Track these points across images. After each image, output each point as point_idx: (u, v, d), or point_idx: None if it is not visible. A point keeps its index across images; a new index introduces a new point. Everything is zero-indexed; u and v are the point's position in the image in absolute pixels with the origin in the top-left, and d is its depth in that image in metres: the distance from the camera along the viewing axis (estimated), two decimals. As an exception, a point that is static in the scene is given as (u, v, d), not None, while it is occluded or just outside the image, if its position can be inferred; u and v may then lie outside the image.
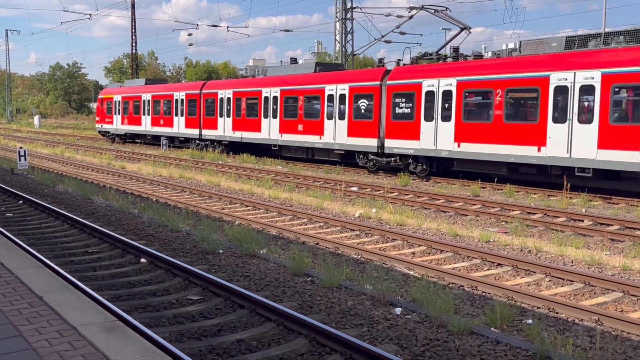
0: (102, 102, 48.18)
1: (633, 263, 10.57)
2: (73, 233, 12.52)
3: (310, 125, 27.37)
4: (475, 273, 10.12)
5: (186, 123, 36.78)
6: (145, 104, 41.11)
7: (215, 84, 36.05)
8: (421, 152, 22.59)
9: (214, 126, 34.13)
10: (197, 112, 35.58)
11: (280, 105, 29.13)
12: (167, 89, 40.44)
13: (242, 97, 32.00)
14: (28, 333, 4.80)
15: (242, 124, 31.95)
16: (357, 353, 6.07)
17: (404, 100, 23.16)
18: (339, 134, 25.92)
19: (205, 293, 8.35)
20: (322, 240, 12.23)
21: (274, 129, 29.49)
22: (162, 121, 39.36)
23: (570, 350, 6.41)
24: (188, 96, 36.59)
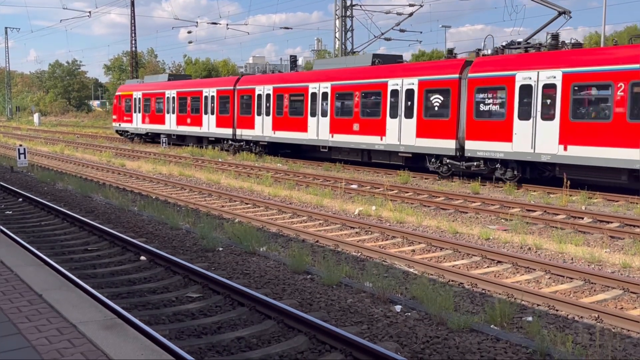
0: (119, 99, 44.97)
1: (633, 260, 10.57)
2: (73, 231, 12.51)
3: (369, 125, 24.38)
4: (475, 270, 10.12)
5: (217, 122, 33.72)
6: (170, 101, 38.08)
7: (253, 79, 32.99)
8: (513, 156, 19.46)
9: (251, 125, 31.19)
10: (230, 110, 32.62)
11: (332, 103, 26.13)
12: (194, 85, 37.51)
13: (284, 93, 28.96)
14: (27, 331, 4.80)
15: (284, 123, 28.99)
16: (357, 350, 6.07)
17: (492, 95, 20.11)
18: (405, 134, 22.82)
19: (205, 291, 8.35)
20: (322, 238, 12.23)
21: (324, 128, 26.55)
22: (189, 120, 36.29)
23: (570, 348, 6.41)
24: (220, 92, 33.61)
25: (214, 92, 34.05)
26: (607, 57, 17.86)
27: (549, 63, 18.84)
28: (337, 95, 26.08)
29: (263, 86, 30.38)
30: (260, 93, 30.39)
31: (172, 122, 37.90)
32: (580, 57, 18.61)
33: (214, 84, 35.25)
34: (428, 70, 23.14)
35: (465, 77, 20.99)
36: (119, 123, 44.94)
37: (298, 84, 28.38)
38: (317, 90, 26.84)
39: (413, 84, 22.61)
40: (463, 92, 20.95)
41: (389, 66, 24.83)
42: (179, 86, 38.13)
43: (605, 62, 17.69)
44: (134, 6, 65.06)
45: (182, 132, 37.21)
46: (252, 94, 31.06)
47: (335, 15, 40.45)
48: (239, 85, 32.24)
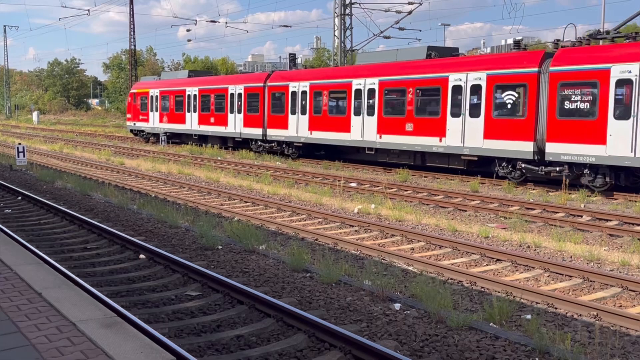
0: (134, 97, 42.21)
1: (632, 258, 10.59)
2: (72, 229, 12.51)
3: (425, 125, 22.07)
4: (474, 268, 10.13)
5: (245, 121, 31.32)
6: (191, 99, 35.66)
7: (286, 74, 30.28)
8: (607, 161, 17.16)
9: (283, 125, 28.77)
10: (260, 108, 30.24)
11: (379, 100, 23.86)
12: (219, 82, 34.89)
13: (322, 90, 26.66)
14: (27, 329, 4.80)
15: (322, 123, 26.67)
16: (356, 349, 6.08)
17: (580, 91, 17.76)
18: (470, 135, 20.53)
19: (205, 289, 8.36)
20: (321, 236, 12.24)
21: (370, 128, 24.28)
22: (212, 119, 33.82)
23: (569, 346, 6.42)
24: (248, 90, 31.16)
25: (241, 89, 31.73)
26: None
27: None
28: (386, 91, 23.78)
29: (298, 82, 27.99)
30: (295, 90, 28.02)
31: (194, 122, 35.62)
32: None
33: (241, 81, 32.78)
34: (498, 63, 20.44)
35: (545, 70, 18.66)
36: (134, 122, 42.33)
37: (339, 79, 26.08)
38: (362, 87, 24.59)
39: (480, 79, 20.32)
40: (543, 88, 18.72)
41: (449, 59, 22.49)
42: (202, 83, 35.69)
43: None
44: (132, 4, 65.01)
45: (205, 132, 34.73)
46: (285, 91, 28.68)
47: (335, 13, 40.42)
48: (270, 82, 29.89)
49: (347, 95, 25.32)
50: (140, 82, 45.36)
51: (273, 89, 29.63)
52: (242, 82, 32.24)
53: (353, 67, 26.99)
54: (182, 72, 41.48)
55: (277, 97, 29.38)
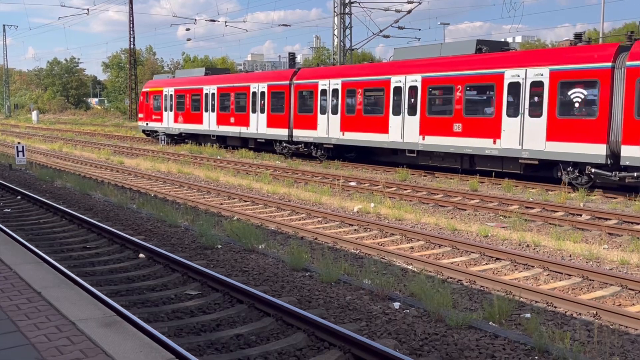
0: (147, 96, 40.41)
1: (631, 257, 10.60)
2: (71, 228, 12.51)
3: (476, 125, 20.35)
4: (473, 267, 10.14)
5: (269, 121, 29.52)
6: (209, 98, 33.92)
7: (314, 72, 28.45)
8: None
9: (312, 125, 26.99)
10: (285, 107, 28.50)
11: (422, 98, 22.11)
12: (240, 80, 33.03)
13: (357, 88, 24.88)
14: (27, 328, 4.80)
15: (356, 123, 24.94)
16: (355, 347, 6.08)
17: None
18: (530, 136, 18.84)
19: (204, 288, 8.36)
20: (321, 235, 12.24)
21: (411, 129, 22.50)
22: (232, 119, 32.10)
23: (568, 344, 6.43)
24: (272, 88, 29.45)
25: (264, 88, 29.90)
26: None
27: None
28: (431, 89, 22.02)
29: (329, 80, 26.19)
30: (325, 88, 26.28)
31: (212, 122, 33.84)
32: None
33: (264, 78, 30.88)
34: (563, 57, 18.52)
35: (621, 66, 16.99)
36: (146, 122, 40.38)
37: (376, 76, 24.28)
38: (403, 84, 22.78)
39: (542, 75, 18.50)
40: (618, 85, 17.03)
41: (504, 54, 20.87)
42: (220, 81, 33.93)
43: None
44: (132, 3, 65.03)
45: (224, 133, 33.01)
46: (314, 89, 26.93)
47: (334, 12, 40.39)
48: (297, 80, 28.12)
49: (385, 93, 23.64)
50: (153, 80, 43.55)
51: (300, 87, 27.91)
52: (265, 80, 30.43)
53: (391, 64, 24.89)
54: (198, 70, 39.65)
55: (304, 96, 27.77)
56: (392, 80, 23.36)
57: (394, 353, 5.78)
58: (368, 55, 70.86)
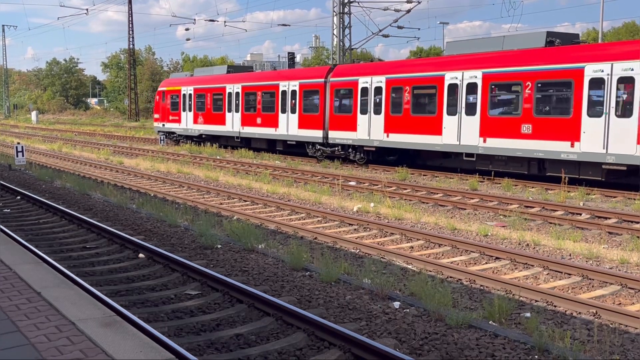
0: (163, 95, 38.32)
1: (631, 256, 10.59)
2: (71, 228, 12.51)
3: (550, 126, 18.40)
4: (473, 267, 10.14)
5: (300, 122, 27.55)
6: (232, 97, 31.99)
7: (353, 68, 26.39)
8: None
9: (351, 126, 25.07)
10: (320, 107, 26.55)
11: (483, 96, 20.14)
12: (267, 78, 30.96)
13: (404, 85, 22.89)
14: (26, 328, 4.80)
15: (403, 124, 22.94)
16: (355, 347, 6.08)
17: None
18: (617, 139, 16.81)
19: (204, 288, 8.36)
20: (321, 235, 12.24)
21: (470, 130, 20.49)
22: (259, 120, 30.15)
23: (568, 343, 6.43)
24: (304, 86, 27.46)
25: (295, 86, 27.88)
26: None
27: None
28: (493, 86, 20.10)
29: (370, 77, 24.29)
30: (366, 86, 24.37)
31: (236, 123, 31.86)
32: None
33: (295, 76, 28.80)
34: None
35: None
36: (163, 123, 38.31)
37: (426, 73, 22.35)
38: (459, 81, 20.90)
39: (632, 70, 16.59)
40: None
41: (582, 47, 19.07)
42: (245, 79, 32.02)
43: None
44: (131, 3, 65.06)
45: (250, 134, 31.11)
46: (353, 87, 25.01)
47: (333, 12, 40.39)
48: (334, 77, 26.16)
49: (438, 91, 21.59)
50: (170, 79, 41.33)
51: (337, 85, 25.92)
52: (297, 78, 28.41)
53: (444, 59, 22.95)
54: (220, 68, 38.05)
55: (342, 95, 25.88)
56: (447, 77, 21.35)
57: (394, 352, 5.78)
58: (367, 55, 70.91)
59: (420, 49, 74.30)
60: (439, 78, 21.63)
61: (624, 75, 16.85)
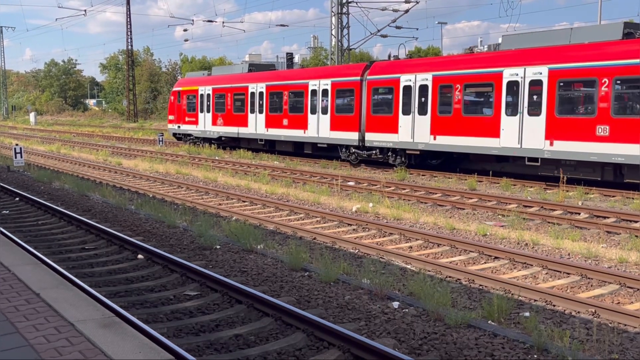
0: (178, 95, 36.40)
1: (629, 255, 10.60)
2: (70, 230, 12.50)
3: (631, 127, 16.71)
4: (472, 266, 10.14)
5: (333, 124, 25.75)
6: (255, 97, 30.20)
7: (394, 65, 24.26)
8: None
9: (391, 128, 23.25)
10: (355, 108, 24.78)
11: (549, 95, 18.37)
12: (295, 77, 28.98)
13: (453, 83, 21.17)
14: (25, 330, 4.79)
15: (453, 125, 21.16)
16: (355, 347, 6.08)
17: None
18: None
19: (203, 289, 8.35)
20: (320, 235, 12.24)
21: (534, 132, 18.76)
22: (285, 121, 28.26)
23: (567, 343, 6.43)
24: (337, 85, 25.66)
25: (326, 85, 26.05)
26: None
27: None
28: (562, 84, 18.35)
29: (414, 75, 22.48)
30: (410, 84, 22.55)
31: (259, 124, 30.08)
32: None
33: (327, 75, 26.88)
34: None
35: None
36: (178, 125, 36.44)
37: (481, 69, 20.52)
38: (520, 78, 19.12)
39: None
40: None
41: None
42: (270, 78, 30.15)
43: None
44: (129, 4, 65.03)
45: (275, 137, 29.26)
46: (393, 85, 23.18)
47: (332, 12, 40.42)
48: (371, 75, 24.30)
49: (495, 89, 19.88)
50: (185, 78, 39.01)
51: (375, 84, 24.05)
52: (328, 77, 26.47)
53: (501, 54, 20.72)
54: (240, 66, 35.65)
55: (381, 94, 24.03)
56: (505, 74, 19.53)
57: (393, 352, 5.78)
58: (366, 55, 70.92)
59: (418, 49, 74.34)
60: (496, 75, 19.88)
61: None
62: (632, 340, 6.93)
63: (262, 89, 29.89)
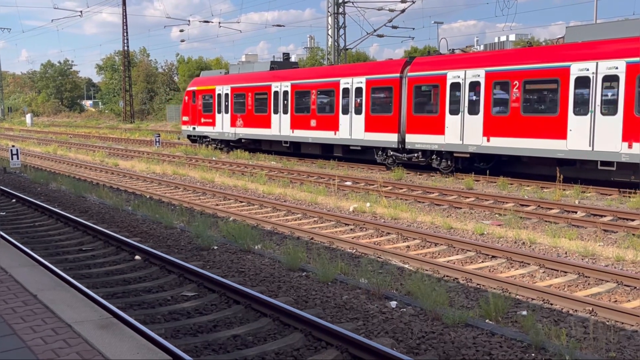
0: (193, 95, 34.62)
1: (626, 254, 10.63)
2: (67, 231, 12.48)
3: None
4: (469, 265, 10.15)
5: (367, 124, 23.99)
6: (279, 97, 28.41)
7: (439, 61, 22.37)
8: None
9: (436, 129, 21.48)
10: (394, 107, 22.96)
11: (628, 91, 16.71)
12: (323, 74, 27.08)
13: (510, 79, 19.39)
14: (23, 331, 4.79)
15: (510, 125, 19.35)
16: (352, 347, 6.08)
17: None
18: None
19: (200, 289, 8.35)
20: (317, 235, 12.24)
21: (608, 133, 17.07)
22: (313, 122, 26.49)
23: (564, 341, 6.44)
24: (373, 83, 23.86)
25: (360, 83, 24.25)
26: None
27: None
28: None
29: (463, 71, 20.74)
30: (458, 81, 20.86)
31: (284, 125, 28.27)
32: None
33: (360, 72, 25.09)
34: None
35: None
36: (193, 126, 34.68)
37: (543, 64, 18.67)
38: (591, 73, 17.45)
39: None
40: None
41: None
42: (296, 76, 28.25)
43: None
44: (125, 5, 64.96)
45: (302, 139, 27.33)
46: (439, 82, 21.45)
47: (328, 12, 40.43)
48: (413, 72, 22.43)
49: (561, 85, 18.15)
50: (201, 77, 37.07)
51: (417, 81, 22.24)
52: (363, 74, 24.65)
53: (567, 47, 18.80)
54: (261, 64, 33.11)
55: (424, 92, 22.36)
56: (573, 69, 17.83)
57: (391, 352, 5.78)
58: (362, 55, 71.00)
59: (414, 49, 74.41)
60: (563, 70, 18.09)
61: None
62: (630, 339, 6.94)
63: (287, 88, 28.02)
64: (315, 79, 26.99)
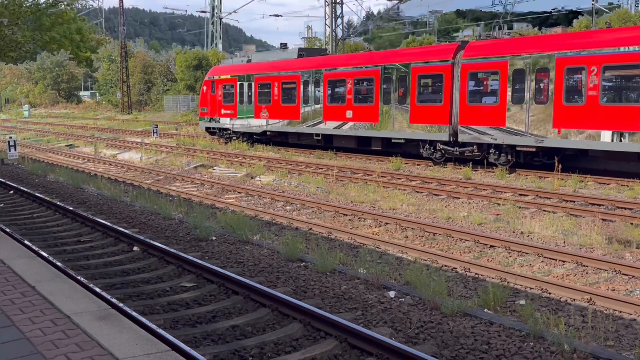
0: (212, 85, 31.97)
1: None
2: (65, 222, 12.46)
3: None
4: (467, 255, 10.16)
5: (413, 115, 21.74)
6: (309, 86, 26.25)
7: (499, 44, 20.20)
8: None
9: (496, 120, 19.23)
10: (445, 96, 20.67)
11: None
12: (360, 61, 24.83)
13: (587, 65, 17.10)
14: (21, 323, 4.79)
15: (586, 116, 17.16)
16: (351, 336, 6.09)
17: None
18: None
19: (199, 280, 8.35)
20: (315, 226, 12.24)
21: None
22: (349, 113, 24.23)
23: (562, 330, 6.46)
24: (419, 70, 21.62)
25: (404, 71, 22.09)
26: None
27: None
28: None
29: (530, 55, 18.49)
30: (522, 67, 18.64)
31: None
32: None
33: (405, 58, 22.70)
34: None
35: None
36: (212, 118, 32.28)
37: (628, 47, 16.35)
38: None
39: None
40: None
41: None
42: (327, 64, 26.07)
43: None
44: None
45: (337, 131, 25.03)
46: (500, 69, 19.15)
47: (325, 2, 40.28)
48: (467, 57, 20.17)
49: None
50: (220, 66, 34.80)
51: (473, 67, 19.99)
52: (407, 60, 22.38)
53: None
54: (287, 52, 31.22)
55: (480, 79, 20.11)
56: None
57: (389, 341, 5.80)
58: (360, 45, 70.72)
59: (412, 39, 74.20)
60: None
61: None
62: (628, 327, 6.97)
63: (320, 77, 25.81)
64: (351, 67, 24.77)
